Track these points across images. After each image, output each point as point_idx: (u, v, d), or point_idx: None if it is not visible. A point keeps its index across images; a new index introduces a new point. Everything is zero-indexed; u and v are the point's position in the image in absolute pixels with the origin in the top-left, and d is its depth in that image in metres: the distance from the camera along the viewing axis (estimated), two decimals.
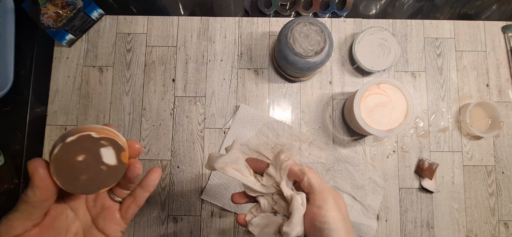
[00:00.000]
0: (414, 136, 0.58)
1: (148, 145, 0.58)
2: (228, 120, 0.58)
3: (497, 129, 0.55)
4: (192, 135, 0.58)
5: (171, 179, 0.57)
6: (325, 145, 0.57)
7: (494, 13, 0.63)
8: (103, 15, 0.61)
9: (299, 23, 0.50)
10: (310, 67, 0.50)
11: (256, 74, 0.60)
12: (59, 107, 0.59)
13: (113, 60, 0.60)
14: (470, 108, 0.55)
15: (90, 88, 0.59)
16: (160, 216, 0.56)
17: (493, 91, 0.59)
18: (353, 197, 0.56)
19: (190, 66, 0.60)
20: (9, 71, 0.58)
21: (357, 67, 0.59)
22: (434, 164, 0.55)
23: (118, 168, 0.27)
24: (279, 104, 0.59)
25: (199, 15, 0.62)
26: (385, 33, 0.58)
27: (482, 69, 0.60)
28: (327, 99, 0.59)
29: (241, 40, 0.61)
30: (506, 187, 0.57)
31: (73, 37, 0.59)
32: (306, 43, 0.49)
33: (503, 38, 0.61)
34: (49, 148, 0.57)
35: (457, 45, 0.61)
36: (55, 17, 0.56)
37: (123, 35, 0.61)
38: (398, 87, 0.50)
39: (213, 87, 0.59)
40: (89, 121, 0.58)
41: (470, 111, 0.56)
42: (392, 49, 0.58)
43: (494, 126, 0.57)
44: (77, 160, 0.25)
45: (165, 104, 0.59)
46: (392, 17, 0.62)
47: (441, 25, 0.61)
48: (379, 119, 0.50)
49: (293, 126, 0.58)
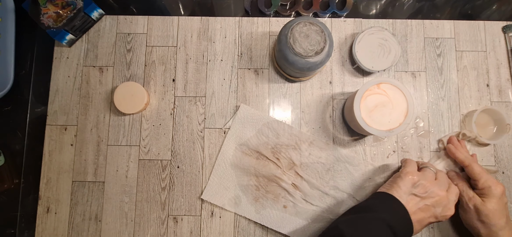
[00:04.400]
0: (414, 136, 0.58)
1: (148, 145, 0.58)
2: (228, 120, 0.58)
3: (505, 133, 0.55)
4: (192, 135, 0.58)
5: (171, 179, 0.57)
6: (325, 145, 0.57)
7: (494, 13, 0.63)
8: (103, 15, 0.61)
9: (299, 23, 0.50)
10: (310, 67, 0.50)
11: (256, 74, 0.60)
12: (59, 107, 0.59)
13: (113, 60, 0.60)
14: (474, 119, 0.55)
15: (90, 88, 0.59)
16: (160, 216, 0.56)
17: (493, 91, 0.59)
18: (353, 197, 0.56)
19: (190, 66, 0.60)
20: (9, 71, 0.58)
21: (357, 67, 0.59)
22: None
23: None
24: (279, 104, 0.59)
25: (199, 15, 0.62)
26: (385, 33, 0.58)
27: (482, 69, 0.60)
28: (327, 99, 0.59)
29: (241, 40, 0.61)
30: (507, 187, 0.57)
31: (73, 37, 0.59)
32: (306, 43, 0.49)
33: (503, 38, 0.61)
34: (49, 148, 0.57)
35: (457, 45, 0.61)
36: (55, 17, 0.56)
37: (123, 35, 0.61)
38: (398, 87, 0.50)
39: (213, 87, 0.59)
40: (89, 121, 0.58)
41: (475, 121, 0.55)
42: (392, 49, 0.58)
43: (500, 130, 0.56)
44: None
45: (165, 104, 0.59)
46: (392, 17, 0.62)
47: (441, 25, 0.61)
48: (379, 119, 0.50)
49: (293, 126, 0.58)
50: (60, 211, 0.56)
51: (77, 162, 0.57)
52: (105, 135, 0.58)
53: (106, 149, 0.58)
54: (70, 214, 0.56)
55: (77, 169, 0.57)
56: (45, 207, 0.56)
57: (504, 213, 0.48)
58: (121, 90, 0.56)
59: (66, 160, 0.57)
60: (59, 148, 0.57)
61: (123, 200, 0.57)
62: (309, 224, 0.55)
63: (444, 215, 0.46)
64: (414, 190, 0.46)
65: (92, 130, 0.58)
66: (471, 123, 0.55)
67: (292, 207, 0.56)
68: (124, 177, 0.57)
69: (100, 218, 0.56)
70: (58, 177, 0.57)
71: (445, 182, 0.48)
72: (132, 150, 0.58)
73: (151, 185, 0.57)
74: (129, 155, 0.57)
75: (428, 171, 0.49)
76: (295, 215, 0.56)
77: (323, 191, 0.56)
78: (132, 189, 0.57)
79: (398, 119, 0.50)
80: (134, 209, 0.56)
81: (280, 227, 0.55)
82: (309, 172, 0.56)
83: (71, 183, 0.57)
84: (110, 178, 0.57)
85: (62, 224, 0.56)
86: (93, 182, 0.57)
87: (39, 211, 0.56)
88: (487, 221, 0.48)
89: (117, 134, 0.58)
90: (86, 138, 0.58)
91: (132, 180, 0.57)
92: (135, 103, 0.56)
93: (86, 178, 0.57)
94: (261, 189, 0.56)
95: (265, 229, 0.56)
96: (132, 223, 0.56)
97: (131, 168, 0.57)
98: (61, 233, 0.56)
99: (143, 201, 0.57)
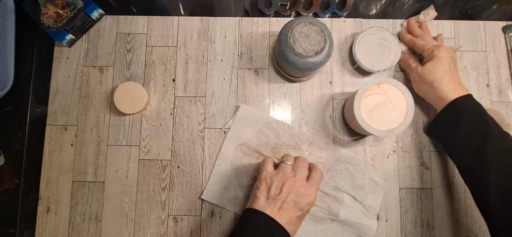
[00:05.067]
0: (414, 136, 0.58)
1: (148, 145, 0.58)
2: (228, 120, 0.58)
3: None
4: (192, 135, 0.58)
5: (171, 179, 0.57)
6: (325, 145, 0.57)
7: (494, 13, 0.63)
8: (103, 15, 0.61)
9: (299, 23, 0.50)
10: (310, 67, 0.50)
11: (256, 74, 0.60)
12: (59, 107, 0.59)
13: (113, 60, 0.60)
14: None
15: (90, 88, 0.59)
16: (160, 216, 0.56)
17: (493, 91, 0.59)
18: (353, 197, 0.56)
19: (190, 66, 0.60)
20: (9, 71, 0.58)
21: (357, 67, 0.59)
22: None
23: None
24: (279, 104, 0.59)
25: (199, 15, 0.62)
26: (385, 33, 0.58)
27: (482, 69, 0.60)
28: (327, 99, 0.59)
29: (241, 40, 0.61)
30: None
31: (73, 37, 0.59)
32: (306, 43, 0.49)
33: (503, 38, 0.61)
34: (49, 148, 0.57)
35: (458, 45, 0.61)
36: (56, 17, 0.56)
37: (123, 35, 0.61)
38: (398, 87, 0.50)
39: (213, 87, 0.59)
40: (89, 121, 0.58)
41: None
42: (392, 49, 0.58)
43: None
44: None
45: (165, 104, 0.59)
46: (392, 17, 0.62)
47: (441, 25, 0.61)
48: (379, 119, 0.50)
49: (293, 126, 0.58)
50: (60, 211, 0.56)
51: (77, 162, 0.57)
52: (105, 135, 0.58)
53: (106, 149, 0.58)
54: (70, 214, 0.56)
55: (77, 169, 0.57)
56: (45, 207, 0.56)
57: (441, 68, 0.51)
58: (121, 90, 0.56)
59: (66, 160, 0.57)
60: (59, 148, 0.57)
61: (123, 200, 0.57)
62: (309, 224, 0.55)
63: (306, 204, 0.44)
64: (271, 193, 0.44)
65: (92, 130, 0.58)
66: None
67: None
68: (124, 177, 0.57)
69: (100, 218, 0.56)
70: (58, 177, 0.57)
71: (303, 171, 0.46)
72: (132, 150, 0.58)
73: (151, 185, 0.57)
74: (129, 155, 0.57)
75: (283, 165, 0.47)
76: None
77: (323, 191, 0.56)
78: (132, 189, 0.57)
79: (398, 119, 0.50)
80: (134, 209, 0.56)
81: None
82: None
83: (71, 183, 0.57)
84: (110, 178, 0.57)
85: (62, 224, 0.56)
86: (93, 182, 0.57)
87: (39, 211, 0.56)
88: (429, 80, 0.52)
89: (117, 134, 0.58)
90: (86, 138, 0.58)
91: (132, 180, 0.57)
92: (135, 103, 0.56)
93: (86, 178, 0.57)
94: None
95: None
96: (132, 223, 0.56)
97: (131, 168, 0.57)
98: (61, 233, 0.56)
99: (143, 201, 0.57)
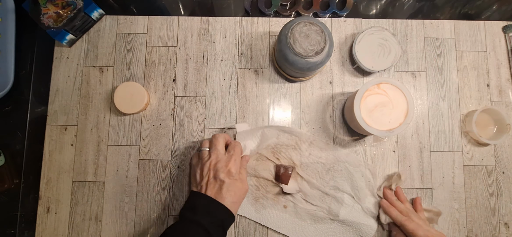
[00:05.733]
0: (414, 136, 0.58)
1: (148, 145, 0.58)
2: (228, 121, 0.58)
3: (505, 133, 0.55)
4: (192, 135, 0.58)
5: (171, 179, 0.57)
6: (325, 145, 0.57)
7: (494, 13, 0.63)
8: (103, 15, 0.61)
9: (299, 23, 0.50)
10: (310, 67, 0.50)
11: (256, 74, 0.60)
12: (59, 107, 0.59)
13: (114, 60, 0.60)
14: (475, 118, 0.55)
15: (90, 88, 0.59)
16: (160, 216, 0.56)
17: (494, 91, 0.59)
18: (353, 197, 0.56)
19: (190, 66, 0.60)
20: (9, 71, 0.58)
21: (357, 67, 0.59)
22: (290, 168, 0.54)
23: None
24: (279, 104, 0.59)
25: (199, 15, 0.62)
26: (385, 33, 0.58)
27: (482, 69, 0.60)
28: (327, 99, 0.59)
29: (241, 40, 0.61)
30: (507, 187, 0.57)
31: (73, 37, 0.59)
32: (306, 43, 0.49)
33: (503, 38, 0.61)
34: (49, 148, 0.57)
35: (458, 45, 0.61)
36: (56, 17, 0.56)
37: (123, 35, 0.61)
38: (398, 87, 0.50)
39: (213, 87, 0.59)
40: (89, 121, 0.58)
41: (475, 121, 0.55)
42: (392, 49, 0.58)
43: (501, 129, 0.56)
44: None
45: (165, 104, 0.59)
46: (392, 17, 0.62)
47: (442, 25, 0.61)
48: (379, 119, 0.50)
49: (293, 126, 0.58)
50: (60, 211, 0.56)
51: (77, 162, 0.57)
52: (105, 135, 0.58)
53: (106, 149, 0.58)
54: (70, 214, 0.56)
55: (77, 169, 0.57)
56: (45, 207, 0.56)
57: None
58: (121, 90, 0.56)
59: (66, 160, 0.57)
60: (59, 148, 0.57)
61: (123, 200, 0.57)
62: (309, 224, 0.55)
63: (225, 174, 0.48)
64: (197, 181, 0.49)
65: (92, 130, 0.58)
66: (471, 123, 0.55)
67: (292, 207, 0.56)
68: (124, 177, 0.57)
69: (100, 218, 0.56)
70: (58, 177, 0.57)
71: (218, 149, 0.50)
72: (132, 150, 0.58)
73: (151, 185, 0.57)
74: (129, 155, 0.57)
75: (201, 153, 0.51)
76: (295, 215, 0.56)
77: (323, 191, 0.56)
78: (132, 189, 0.57)
79: (398, 119, 0.50)
80: (134, 209, 0.56)
81: (280, 227, 0.55)
82: (309, 172, 0.56)
83: (71, 183, 0.57)
84: (110, 178, 0.57)
85: (62, 224, 0.56)
86: (93, 182, 0.57)
87: (39, 211, 0.56)
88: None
89: (117, 134, 0.58)
90: (86, 138, 0.58)
91: (132, 180, 0.57)
92: (135, 103, 0.56)
93: (86, 178, 0.57)
94: (261, 189, 0.56)
95: (265, 229, 0.56)
96: (132, 223, 0.56)
97: (131, 168, 0.57)
98: (61, 233, 0.56)
99: (143, 201, 0.57)
